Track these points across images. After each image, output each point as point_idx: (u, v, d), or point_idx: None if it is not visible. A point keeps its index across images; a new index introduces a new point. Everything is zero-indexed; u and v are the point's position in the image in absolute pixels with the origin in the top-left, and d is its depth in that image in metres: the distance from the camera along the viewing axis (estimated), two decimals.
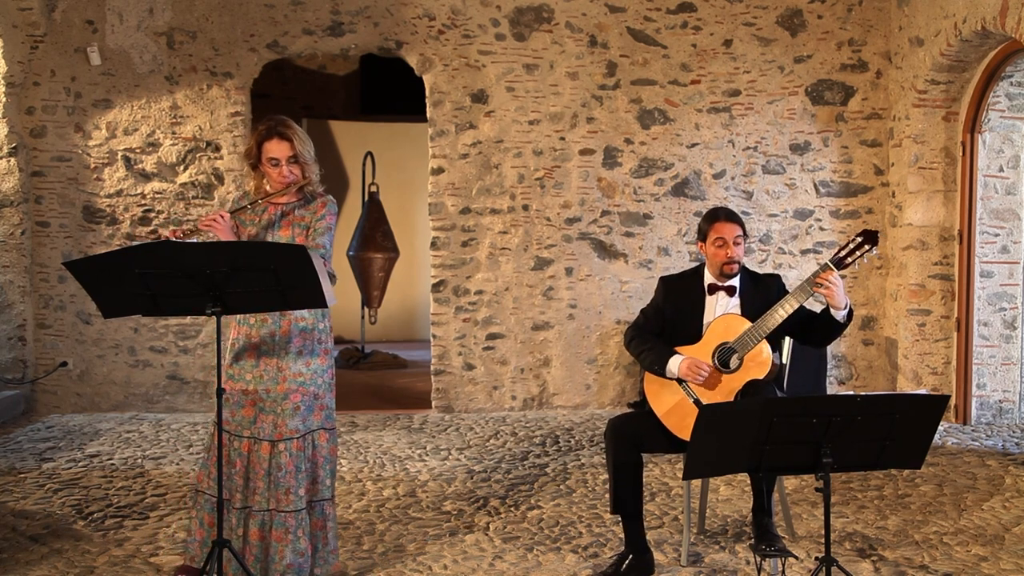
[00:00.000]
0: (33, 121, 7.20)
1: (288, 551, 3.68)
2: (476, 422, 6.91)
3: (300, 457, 3.72)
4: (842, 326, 4.00)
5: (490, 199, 7.28)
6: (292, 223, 3.81)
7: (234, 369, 3.78)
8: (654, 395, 4.10)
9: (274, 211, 3.85)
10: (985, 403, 6.76)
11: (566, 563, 4.16)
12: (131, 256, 3.29)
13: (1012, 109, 6.66)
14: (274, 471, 3.69)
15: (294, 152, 3.78)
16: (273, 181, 3.81)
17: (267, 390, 3.72)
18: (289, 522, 3.69)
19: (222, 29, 7.21)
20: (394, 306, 10.26)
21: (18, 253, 7.13)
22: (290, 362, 3.74)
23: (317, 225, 3.80)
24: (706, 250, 4.14)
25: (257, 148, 3.80)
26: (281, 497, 3.69)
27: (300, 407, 3.72)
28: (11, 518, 4.77)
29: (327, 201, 3.85)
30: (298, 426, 3.71)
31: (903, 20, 7.05)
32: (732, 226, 4.09)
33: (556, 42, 7.26)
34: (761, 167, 7.34)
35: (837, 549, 4.29)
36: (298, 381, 3.73)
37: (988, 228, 6.75)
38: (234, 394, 3.75)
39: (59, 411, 7.26)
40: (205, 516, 3.78)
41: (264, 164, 3.81)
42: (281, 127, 3.79)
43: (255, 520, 3.70)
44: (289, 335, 3.75)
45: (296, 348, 3.75)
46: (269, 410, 3.71)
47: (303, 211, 3.83)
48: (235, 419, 3.73)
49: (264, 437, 3.70)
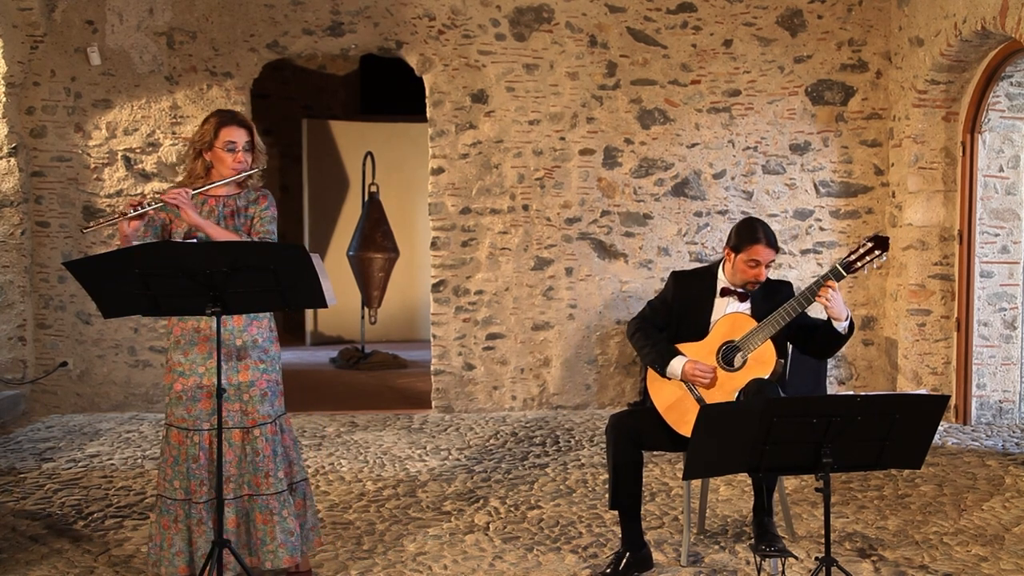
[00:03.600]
0: (33, 121, 7.20)
1: (278, 531, 3.72)
2: (476, 422, 6.91)
3: (275, 441, 3.78)
4: (843, 337, 4.00)
5: (490, 199, 7.28)
6: (234, 213, 3.84)
7: (184, 365, 3.77)
8: (656, 390, 4.10)
9: (214, 203, 3.85)
10: (985, 403, 6.76)
11: (566, 563, 4.16)
12: (131, 256, 3.29)
13: (1012, 109, 6.66)
14: (251, 456, 3.73)
15: (251, 139, 3.86)
16: (225, 167, 3.83)
17: (228, 379, 3.73)
18: (272, 504, 3.73)
19: (222, 29, 7.21)
20: (394, 306, 10.26)
21: (18, 253, 7.13)
22: (248, 351, 3.77)
23: (263, 215, 3.84)
24: (734, 261, 4.12)
25: (214, 132, 3.83)
26: (261, 481, 3.73)
27: (268, 392, 3.78)
28: (11, 518, 4.77)
29: (267, 195, 3.92)
30: (268, 411, 3.77)
31: (903, 20, 7.05)
32: (770, 251, 4.07)
33: (556, 42, 7.26)
34: (761, 167, 7.34)
35: (837, 549, 4.29)
36: (260, 368, 3.79)
37: (988, 228, 6.75)
38: (188, 389, 3.74)
39: (59, 411, 7.26)
40: (163, 520, 3.77)
41: (218, 149, 3.82)
42: (240, 116, 3.91)
43: (230, 508, 3.71)
44: (244, 326, 3.79)
45: (251, 338, 3.79)
46: (235, 398, 3.73)
47: (245, 202, 3.87)
48: (192, 414, 3.73)
49: (234, 425, 3.73)
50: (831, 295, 3.88)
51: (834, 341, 4.04)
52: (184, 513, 3.72)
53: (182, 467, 3.72)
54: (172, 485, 3.73)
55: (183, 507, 3.72)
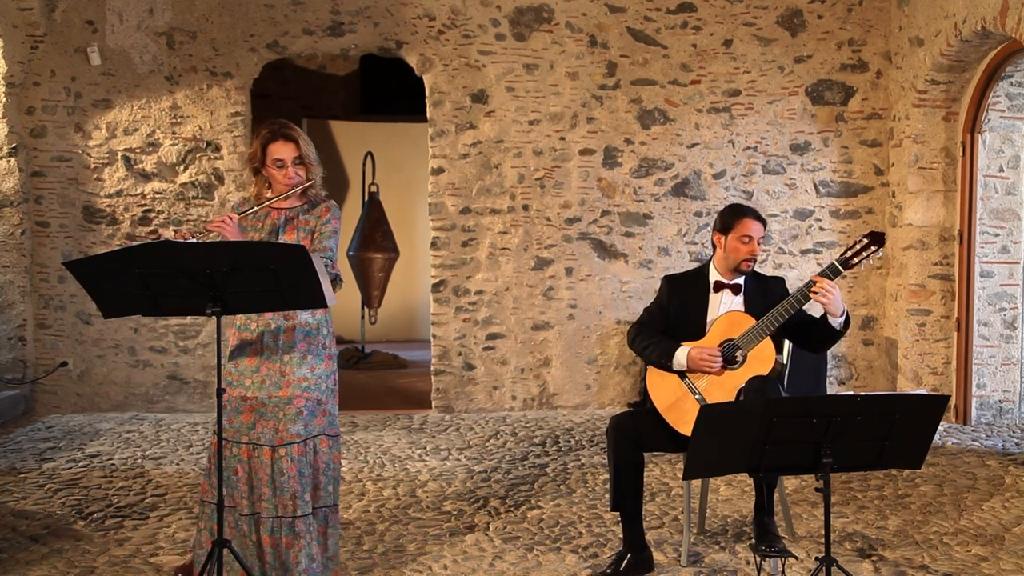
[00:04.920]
0: (33, 121, 7.20)
1: (302, 556, 3.65)
2: (476, 422, 6.91)
3: (302, 462, 3.68)
4: (839, 333, 4.01)
5: (490, 199, 7.28)
6: (297, 227, 3.80)
7: (233, 375, 3.75)
8: (656, 389, 4.10)
9: (277, 216, 3.83)
10: (985, 403, 6.76)
11: (566, 563, 4.16)
12: (131, 256, 3.28)
13: (1012, 109, 6.66)
14: (277, 477, 3.65)
15: (299, 153, 3.79)
16: (278, 183, 3.81)
17: (269, 396, 3.68)
18: (299, 527, 3.66)
19: (222, 29, 7.21)
20: (394, 306, 10.26)
21: (18, 253, 7.13)
22: (294, 367, 3.71)
23: (323, 229, 3.79)
24: (725, 243, 4.13)
25: (262, 151, 3.81)
26: (287, 503, 3.65)
27: (303, 412, 3.69)
28: (11, 518, 4.77)
29: (331, 206, 3.86)
30: (299, 431, 3.68)
31: (903, 20, 7.05)
32: (759, 225, 4.12)
33: (556, 42, 7.26)
34: (761, 167, 7.34)
35: (837, 549, 4.29)
36: (302, 386, 3.70)
37: (988, 228, 6.75)
38: (232, 400, 3.72)
39: (59, 411, 7.26)
40: (214, 527, 3.71)
41: (269, 166, 3.80)
42: (286, 129, 3.82)
43: (265, 527, 3.67)
44: (293, 339, 3.73)
45: (300, 352, 3.73)
46: (271, 415, 3.68)
47: (307, 216, 3.83)
48: (233, 425, 3.70)
49: (264, 443, 3.67)
50: (827, 286, 3.87)
51: (829, 336, 4.05)
52: (235, 520, 3.71)
53: (227, 476, 3.70)
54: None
55: (231, 513, 3.71)
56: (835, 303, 3.91)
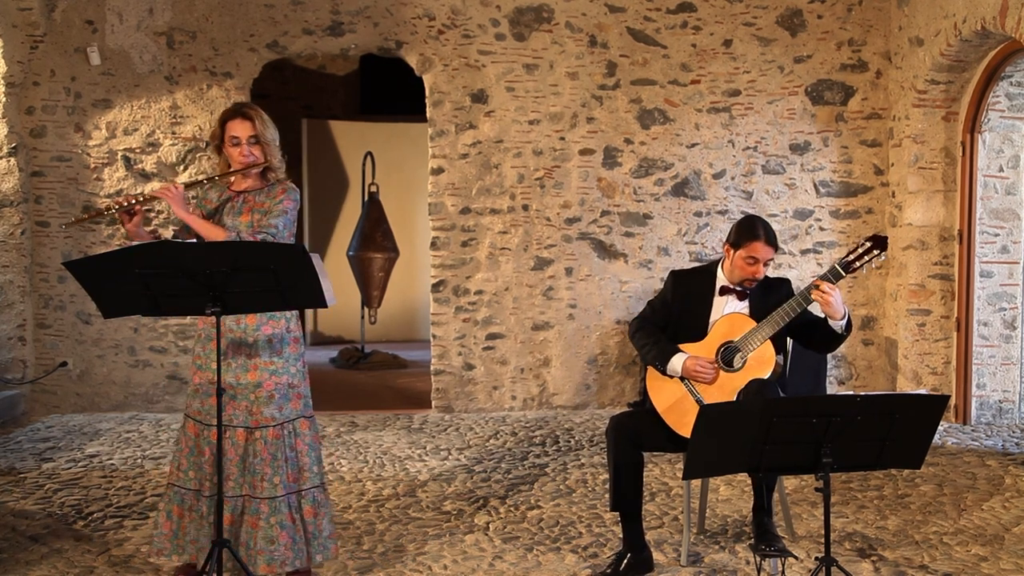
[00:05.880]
0: (33, 121, 7.20)
1: (259, 536, 3.69)
2: (476, 422, 6.91)
3: (276, 445, 3.73)
4: (840, 336, 4.00)
5: (490, 199, 7.28)
6: (252, 209, 3.84)
7: (201, 358, 3.80)
8: (656, 390, 4.10)
9: (237, 198, 3.87)
10: (985, 403, 6.76)
11: (566, 563, 4.16)
12: (131, 256, 3.29)
13: (1012, 109, 6.66)
14: (249, 458, 3.71)
15: (255, 132, 3.83)
16: (233, 161, 3.86)
17: (237, 378, 3.73)
18: (262, 508, 3.70)
19: (222, 29, 7.21)
20: (394, 306, 10.26)
21: (18, 253, 7.13)
22: (259, 350, 3.76)
23: (274, 208, 3.81)
24: (733, 258, 4.12)
25: (221, 128, 3.85)
26: (257, 483, 3.70)
27: (275, 395, 3.75)
28: (11, 518, 4.77)
29: (288, 187, 3.88)
30: (274, 414, 3.74)
31: (903, 20, 7.05)
32: (769, 249, 4.07)
33: (556, 42, 7.26)
34: (761, 167, 7.34)
35: (837, 549, 4.29)
36: (269, 370, 3.76)
37: (988, 228, 6.75)
38: (203, 384, 3.77)
39: (59, 411, 7.26)
40: (174, 508, 3.79)
41: (226, 143, 3.85)
42: (244, 108, 3.88)
43: (228, 506, 3.71)
44: (257, 324, 3.77)
45: (265, 337, 3.77)
46: (241, 397, 3.73)
47: (264, 197, 3.86)
48: (204, 408, 3.75)
49: (238, 424, 3.72)
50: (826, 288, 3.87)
51: (832, 339, 4.05)
52: (197, 503, 3.74)
53: (197, 458, 3.74)
54: (187, 475, 3.76)
55: (196, 497, 3.75)
56: (835, 306, 3.90)
